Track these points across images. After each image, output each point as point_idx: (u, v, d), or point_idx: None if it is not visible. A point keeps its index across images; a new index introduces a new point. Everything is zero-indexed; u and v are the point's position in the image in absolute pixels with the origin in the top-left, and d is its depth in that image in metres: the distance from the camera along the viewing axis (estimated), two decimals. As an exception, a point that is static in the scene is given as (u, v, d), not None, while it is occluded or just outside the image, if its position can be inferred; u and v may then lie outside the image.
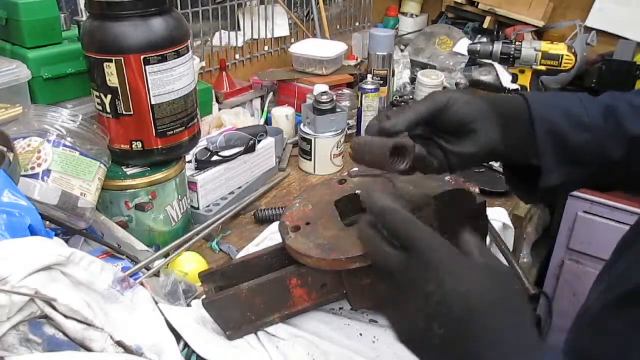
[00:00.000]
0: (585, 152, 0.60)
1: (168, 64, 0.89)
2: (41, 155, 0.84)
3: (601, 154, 0.60)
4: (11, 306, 0.61)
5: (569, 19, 1.94)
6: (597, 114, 0.60)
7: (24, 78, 0.93)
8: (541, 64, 1.44)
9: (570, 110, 0.60)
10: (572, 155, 0.60)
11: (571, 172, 0.61)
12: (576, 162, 0.60)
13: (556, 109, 0.60)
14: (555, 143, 0.60)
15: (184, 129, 0.97)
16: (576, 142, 0.59)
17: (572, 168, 0.61)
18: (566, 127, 0.59)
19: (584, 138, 0.59)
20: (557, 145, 0.60)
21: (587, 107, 0.61)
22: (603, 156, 0.60)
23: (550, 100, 0.62)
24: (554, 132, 0.59)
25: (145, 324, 0.73)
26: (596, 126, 0.60)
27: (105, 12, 0.85)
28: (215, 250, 1.03)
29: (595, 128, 0.60)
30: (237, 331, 0.78)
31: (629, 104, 0.61)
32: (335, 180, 0.87)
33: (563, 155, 0.60)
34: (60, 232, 0.90)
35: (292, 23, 1.77)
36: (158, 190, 0.96)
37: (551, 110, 0.60)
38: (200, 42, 1.51)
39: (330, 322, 0.81)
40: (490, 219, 0.80)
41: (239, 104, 1.48)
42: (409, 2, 2.25)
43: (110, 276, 0.73)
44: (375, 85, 1.45)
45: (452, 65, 1.88)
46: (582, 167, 0.61)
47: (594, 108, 0.61)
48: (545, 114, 0.60)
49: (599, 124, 0.60)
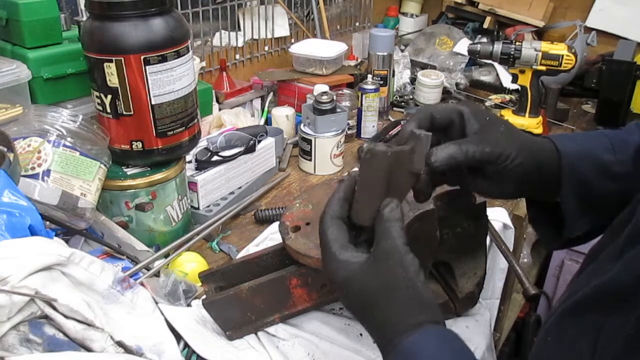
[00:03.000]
0: (612, 201, 0.59)
1: (168, 64, 0.89)
2: (41, 155, 0.84)
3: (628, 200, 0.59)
4: (11, 306, 0.61)
5: (569, 19, 1.94)
6: (628, 159, 0.60)
7: (24, 78, 0.93)
8: (541, 64, 1.44)
9: (600, 158, 0.60)
10: (597, 206, 0.60)
11: (595, 220, 0.61)
12: (601, 211, 0.60)
13: (585, 158, 0.60)
14: (580, 193, 0.59)
15: (184, 129, 0.97)
16: (602, 192, 0.59)
17: (596, 217, 0.61)
18: (594, 177, 0.59)
19: (612, 187, 0.59)
20: (583, 196, 0.59)
21: (617, 152, 0.60)
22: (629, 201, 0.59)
23: (579, 146, 0.61)
24: (581, 182, 0.59)
25: (145, 324, 0.73)
26: (625, 174, 0.59)
27: (105, 12, 0.85)
28: (215, 250, 1.03)
29: (624, 176, 0.59)
30: (237, 331, 0.78)
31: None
32: (335, 180, 0.87)
33: (588, 205, 0.60)
34: (60, 232, 0.90)
35: (292, 23, 1.77)
36: (158, 190, 0.96)
37: (580, 160, 0.59)
38: (200, 42, 1.51)
39: (330, 322, 0.81)
40: (490, 219, 0.80)
41: (239, 104, 1.48)
42: (409, 2, 2.25)
43: (110, 276, 0.73)
44: (375, 85, 1.45)
45: (452, 65, 1.88)
46: (607, 215, 0.60)
47: (623, 152, 0.60)
48: (574, 163, 0.59)
49: (628, 171, 0.59)
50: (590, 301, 0.50)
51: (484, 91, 1.87)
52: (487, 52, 1.47)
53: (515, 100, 1.73)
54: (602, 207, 0.60)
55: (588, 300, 0.50)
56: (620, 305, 0.46)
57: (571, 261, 1.73)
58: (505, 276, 1.18)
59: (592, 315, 0.49)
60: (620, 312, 0.45)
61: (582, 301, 0.51)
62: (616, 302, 0.47)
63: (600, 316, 0.48)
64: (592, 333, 0.48)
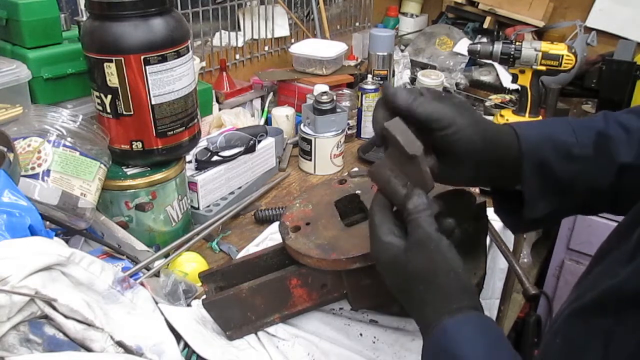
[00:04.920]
0: (572, 183, 0.60)
1: (168, 64, 0.89)
2: (41, 155, 0.84)
3: (589, 184, 0.60)
4: (11, 306, 0.61)
5: (569, 19, 1.94)
6: (588, 142, 0.60)
7: (24, 78, 0.93)
8: (541, 64, 1.44)
9: (560, 141, 0.60)
10: (558, 187, 0.60)
11: (556, 202, 0.61)
12: (562, 192, 0.60)
13: (546, 140, 0.60)
14: (541, 175, 0.60)
15: (184, 129, 0.97)
16: (564, 173, 0.60)
17: (557, 199, 0.61)
18: (554, 158, 0.59)
19: (572, 169, 0.59)
20: (543, 177, 0.60)
21: (578, 136, 0.60)
22: (590, 185, 0.60)
23: (539, 130, 0.61)
24: (541, 164, 0.59)
25: (145, 324, 0.73)
26: (585, 156, 0.59)
27: (105, 12, 0.85)
28: (215, 250, 1.03)
29: (584, 159, 0.59)
30: (237, 331, 0.78)
31: (623, 126, 0.60)
32: (335, 180, 0.87)
33: (549, 187, 0.60)
34: (60, 232, 0.90)
35: (292, 23, 1.77)
36: (158, 190, 0.96)
37: (540, 142, 0.60)
38: (200, 42, 1.51)
39: (330, 322, 0.81)
40: (490, 219, 0.80)
41: (239, 104, 1.48)
42: (409, 2, 2.25)
43: (110, 276, 0.73)
44: (375, 85, 1.45)
45: (452, 65, 1.88)
46: (569, 197, 0.61)
47: (585, 136, 0.60)
48: (534, 145, 0.60)
49: (588, 154, 0.59)
50: (600, 305, 0.50)
51: (484, 91, 1.87)
52: (487, 52, 1.47)
53: (515, 100, 1.73)
54: (563, 190, 0.60)
55: (597, 303, 0.50)
56: (633, 310, 0.46)
57: (571, 261, 1.73)
58: (505, 276, 1.18)
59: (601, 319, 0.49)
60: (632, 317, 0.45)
61: (590, 304, 0.51)
62: (628, 308, 0.46)
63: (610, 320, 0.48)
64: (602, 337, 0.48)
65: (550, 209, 0.61)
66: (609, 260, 0.54)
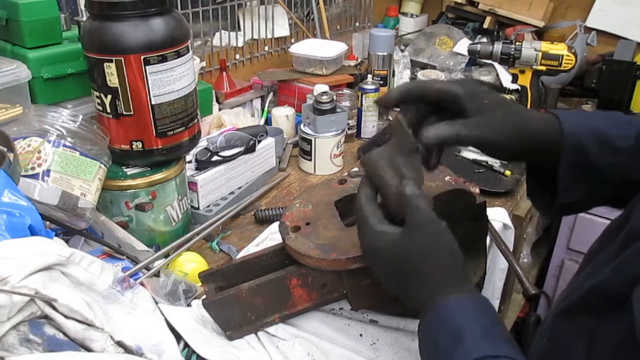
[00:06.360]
0: (609, 173, 0.60)
1: (168, 64, 0.89)
2: (41, 155, 0.84)
3: (625, 175, 0.60)
4: (11, 306, 0.61)
5: (569, 19, 1.94)
6: (631, 134, 0.60)
7: (24, 78, 0.93)
8: (541, 64, 1.44)
9: (602, 131, 0.60)
10: (594, 174, 0.60)
11: (590, 189, 0.61)
12: (597, 181, 0.60)
13: (588, 129, 0.60)
14: (578, 160, 0.59)
15: (184, 129, 0.97)
16: (601, 162, 0.59)
17: (591, 186, 0.61)
18: (594, 145, 0.59)
19: (611, 160, 0.59)
20: (581, 162, 0.59)
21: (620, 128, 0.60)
22: (626, 177, 0.60)
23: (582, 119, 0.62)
24: (580, 149, 0.59)
25: (145, 324, 0.73)
26: (627, 149, 0.59)
27: (105, 12, 0.85)
28: (215, 250, 1.03)
29: (626, 151, 0.59)
30: (237, 331, 0.78)
31: None
32: (335, 180, 0.87)
33: (585, 173, 0.60)
34: (60, 232, 0.90)
35: (292, 23, 1.77)
36: (158, 190, 0.96)
37: (582, 129, 0.60)
38: (200, 42, 1.51)
39: (330, 322, 0.81)
40: (490, 219, 0.80)
41: (239, 104, 1.48)
42: (409, 2, 2.25)
43: (110, 276, 0.73)
44: (375, 85, 1.45)
45: (452, 65, 1.88)
46: (603, 186, 0.61)
47: (627, 129, 0.60)
48: (576, 132, 0.60)
49: (630, 146, 0.59)
50: (583, 304, 0.50)
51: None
52: (487, 52, 1.47)
53: (515, 100, 1.73)
54: (598, 179, 0.60)
55: (581, 303, 0.51)
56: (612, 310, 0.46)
57: (571, 261, 1.73)
58: (505, 276, 1.18)
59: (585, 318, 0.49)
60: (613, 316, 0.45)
61: (575, 304, 0.51)
62: (609, 307, 0.47)
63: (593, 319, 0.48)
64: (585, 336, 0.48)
65: (583, 195, 0.61)
66: (597, 260, 0.55)
